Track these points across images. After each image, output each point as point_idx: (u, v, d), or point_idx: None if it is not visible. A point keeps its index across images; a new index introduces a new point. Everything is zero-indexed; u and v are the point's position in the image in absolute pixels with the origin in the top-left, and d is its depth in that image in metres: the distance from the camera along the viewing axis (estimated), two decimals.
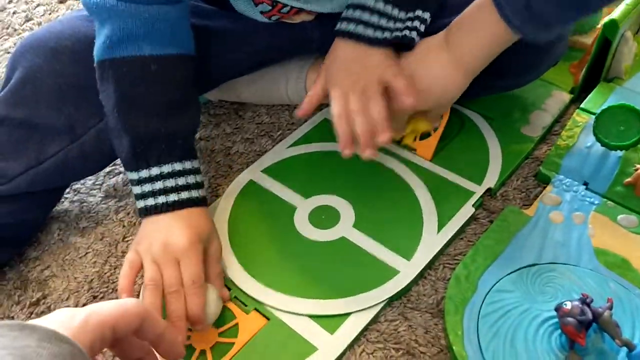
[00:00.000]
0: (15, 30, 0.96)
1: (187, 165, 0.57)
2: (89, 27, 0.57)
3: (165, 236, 0.53)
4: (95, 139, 0.59)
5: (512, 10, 0.50)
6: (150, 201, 0.55)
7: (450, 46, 0.56)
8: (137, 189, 0.56)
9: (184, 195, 0.55)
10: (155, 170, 0.55)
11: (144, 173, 0.55)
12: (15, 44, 0.93)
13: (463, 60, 0.56)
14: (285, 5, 0.62)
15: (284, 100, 0.77)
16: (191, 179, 0.56)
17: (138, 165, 0.55)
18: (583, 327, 0.47)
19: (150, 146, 0.55)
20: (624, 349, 0.47)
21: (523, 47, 0.53)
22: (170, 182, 0.55)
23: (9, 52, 0.91)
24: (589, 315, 0.47)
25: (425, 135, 0.68)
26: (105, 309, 0.36)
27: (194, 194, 0.56)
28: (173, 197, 0.55)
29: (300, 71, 0.73)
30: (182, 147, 0.56)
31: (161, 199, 0.55)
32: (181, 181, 0.56)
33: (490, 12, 0.52)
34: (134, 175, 0.56)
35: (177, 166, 0.56)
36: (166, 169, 0.55)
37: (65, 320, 0.34)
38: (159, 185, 0.55)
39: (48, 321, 0.35)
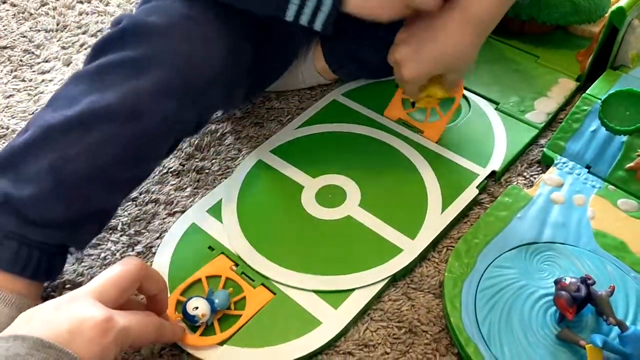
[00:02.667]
0: (31, 14, 0.98)
1: None
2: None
3: None
4: None
5: None
6: None
7: (462, 11, 0.57)
8: None
9: None
10: None
11: None
12: (30, 28, 0.95)
13: (476, 23, 0.58)
14: None
15: (299, 84, 0.79)
16: None
17: None
18: (575, 304, 0.48)
19: None
20: (615, 331, 0.49)
21: None
22: None
23: (24, 36, 0.93)
24: (583, 292, 0.48)
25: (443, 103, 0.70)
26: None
27: None
28: None
29: (307, 53, 0.75)
30: None
31: None
32: None
33: None
34: None
35: None
36: None
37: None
38: None
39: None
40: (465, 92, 0.75)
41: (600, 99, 0.64)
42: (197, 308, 0.52)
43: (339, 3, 0.55)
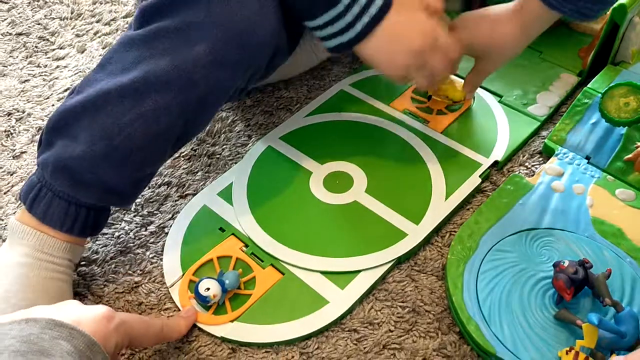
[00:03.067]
0: (46, 2, 1.00)
1: None
2: None
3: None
4: None
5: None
6: (365, 19, 0.54)
7: (518, 12, 0.61)
8: (344, 20, 0.54)
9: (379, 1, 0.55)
10: None
11: None
12: (45, 15, 0.97)
13: (526, 25, 0.62)
14: None
15: (313, 62, 0.81)
16: None
17: None
18: (573, 285, 0.50)
19: None
20: (612, 312, 0.51)
21: None
22: None
23: (39, 24, 0.95)
24: (580, 275, 0.51)
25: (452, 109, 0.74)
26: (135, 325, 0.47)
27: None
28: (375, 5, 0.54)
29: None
30: None
31: (373, 9, 0.54)
32: None
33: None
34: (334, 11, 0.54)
35: None
36: None
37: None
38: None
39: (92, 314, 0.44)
40: None
41: (601, 92, 0.66)
42: (208, 289, 0.55)
43: (357, 41, 0.56)
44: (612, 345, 0.48)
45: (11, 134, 0.77)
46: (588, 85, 0.72)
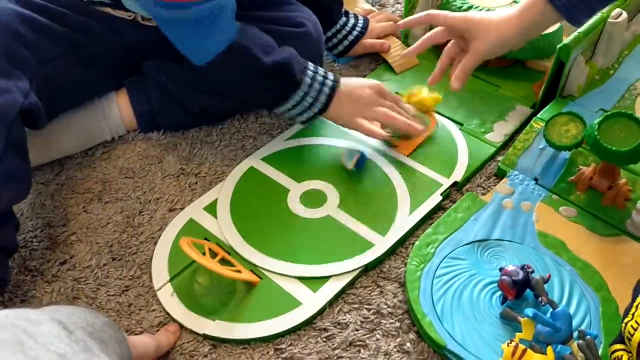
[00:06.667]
0: None
1: None
2: None
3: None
4: None
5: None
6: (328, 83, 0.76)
7: (519, 16, 0.72)
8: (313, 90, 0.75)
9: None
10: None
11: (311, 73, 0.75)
12: None
13: (524, 17, 0.71)
14: None
15: (106, 135, 0.83)
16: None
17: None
18: (515, 287, 0.57)
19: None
20: (550, 311, 0.58)
21: None
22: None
23: None
24: (521, 277, 0.58)
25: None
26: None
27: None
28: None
29: (111, 98, 0.83)
30: None
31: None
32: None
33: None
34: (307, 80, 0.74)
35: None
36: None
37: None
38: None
39: None
40: (435, 114, 0.85)
41: (546, 121, 0.74)
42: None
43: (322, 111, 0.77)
44: (548, 338, 0.54)
45: None
46: (537, 115, 0.80)
